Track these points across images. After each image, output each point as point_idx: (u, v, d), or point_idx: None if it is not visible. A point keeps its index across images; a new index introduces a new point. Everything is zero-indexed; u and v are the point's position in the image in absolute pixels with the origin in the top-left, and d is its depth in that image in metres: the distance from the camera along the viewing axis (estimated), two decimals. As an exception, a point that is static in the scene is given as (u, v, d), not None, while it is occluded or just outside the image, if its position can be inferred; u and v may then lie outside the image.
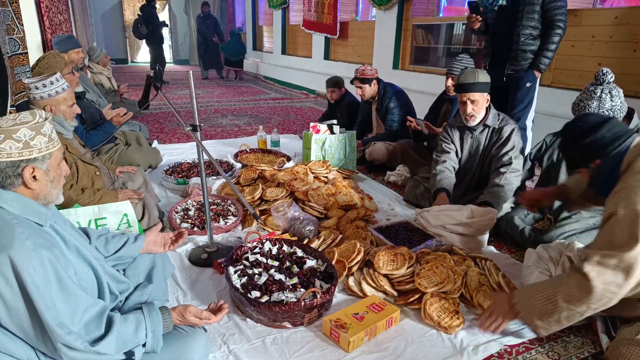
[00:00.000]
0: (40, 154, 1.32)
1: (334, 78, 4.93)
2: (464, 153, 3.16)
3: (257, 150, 4.38)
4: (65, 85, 2.51)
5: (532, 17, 3.47)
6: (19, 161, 1.29)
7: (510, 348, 1.89)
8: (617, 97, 2.42)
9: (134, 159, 3.68)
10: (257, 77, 12.37)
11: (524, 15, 3.48)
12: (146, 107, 2.60)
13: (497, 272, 2.27)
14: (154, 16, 9.87)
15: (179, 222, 2.87)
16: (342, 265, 2.30)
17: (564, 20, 3.44)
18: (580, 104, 2.49)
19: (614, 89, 2.43)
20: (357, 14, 8.75)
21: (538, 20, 3.49)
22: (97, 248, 1.67)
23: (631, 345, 1.61)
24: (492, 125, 3.00)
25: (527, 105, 3.68)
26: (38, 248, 1.21)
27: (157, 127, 5.97)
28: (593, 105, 2.43)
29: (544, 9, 3.45)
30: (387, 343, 1.89)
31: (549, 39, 3.47)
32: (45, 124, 1.34)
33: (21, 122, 1.29)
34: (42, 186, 1.36)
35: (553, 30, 3.45)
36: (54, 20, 5.42)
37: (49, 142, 1.35)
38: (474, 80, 2.87)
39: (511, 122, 3.02)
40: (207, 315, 1.57)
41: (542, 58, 3.52)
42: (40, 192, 1.36)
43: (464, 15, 6.63)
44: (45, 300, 1.19)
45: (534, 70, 3.59)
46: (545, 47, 3.50)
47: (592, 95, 2.44)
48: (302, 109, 7.73)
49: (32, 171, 1.31)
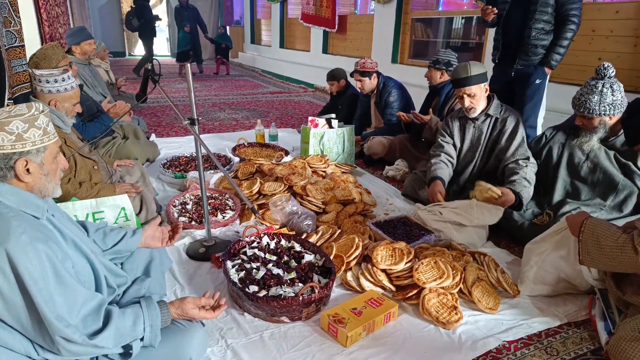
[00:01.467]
0: (34, 147, 1.30)
1: (332, 71, 4.91)
2: (466, 143, 3.12)
3: (255, 144, 4.36)
4: (75, 85, 2.52)
5: (545, 10, 3.32)
6: (11, 154, 1.27)
7: (509, 344, 1.88)
8: (618, 92, 2.42)
9: (131, 152, 3.66)
10: (255, 70, 12.33)
11: (537, 8, 3.32)
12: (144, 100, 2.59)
13: (495, 268, 2.27)
14: (146, 9, 9.81)
15: (176, 216, 2.86)
16: (340, 260, 2.30)
17: (579, 15, 3.30)
18: (582, 98, 2.48)
19: (615, 84, 2.43)
20: (356, 8, 8.72)
21: (551, 15, 3.33)
22: (95, 241, 1.66)
23: (634, 342, 1.60)
24: (495, 115, 2.97)
25: (536, 103, 3.56)
26: (34, 241, 1.20)
27: (155, 121, 5.96)
28: (594, 100, 2.43)
29: (559, 3, 3.30)
30: (385, 338, 1.89)
31: (562, 34, 3.33)
32: (40, 117, 1.32)
33: (15, 115, 1.28)
34: (36, 179, 1.34)
35: (567, 26, 3.30)
36: (52, 12, 5.38)
37: (43, 135, 1.33)
38: (467, 74, 2.84)
39: (514, 112, 2.98)
40: (206, 301, 1.57)
41: (554, 54, 3.39)
42: (34, 186, 1.34)
43: (464, 9, 6.63)
44: (42, 293, 1.18)
45: (545, 67, 3.46)
46: (557, 42, 3.36)
47: (593, 89, 2.44)
48: (300, 103, 7.71)
49: (25, 164, 1.30)
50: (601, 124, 2.50)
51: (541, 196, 2.85)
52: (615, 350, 1.65)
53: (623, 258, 1.68)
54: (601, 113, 2.44)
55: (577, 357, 1.83)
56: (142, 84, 2.50)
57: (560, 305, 2.13)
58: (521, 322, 2.00)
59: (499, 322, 2.01)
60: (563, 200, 2.65)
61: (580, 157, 2.64)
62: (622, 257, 1.68)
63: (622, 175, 2.52)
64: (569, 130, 2.72)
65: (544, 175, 2.84)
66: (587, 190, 2.63)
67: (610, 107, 2.42)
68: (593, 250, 1.79)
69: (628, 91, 2.49)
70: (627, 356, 1.60)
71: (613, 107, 2.42)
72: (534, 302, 2.16)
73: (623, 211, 2.51)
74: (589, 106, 2.45)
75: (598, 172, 2.58)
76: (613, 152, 2.54)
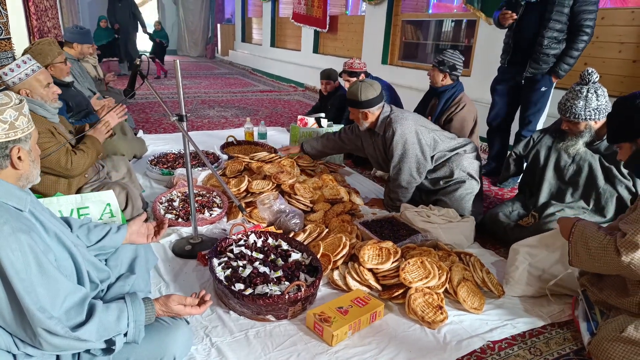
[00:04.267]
0: (23, 134, 1.32)
1: (328, 70, 4.91)
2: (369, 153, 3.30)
3: (244, 142, 4.34)
4: (36, 66, 2.39)
5: (559, 19, 3.28)
6: (7, 142, 1.28)
7: (493, 344, 1.90)
8: (603, 97, 2.45)
9: (118, 148, 3.62)
10: (246, 69, 12.29)
11: (551, 17, 3.28)
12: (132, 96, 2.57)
13: (481, 268, 2.28)
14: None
15: (163, 213, 2.84)
16: (327, 259, 2.29)
17: (592, 26, 3.26)
18: (567, 103, 2.51)
19: (599, 89, 2.46)
20: (347, 8, 8.73)
21: (565, 24, 3.30)
22: (78, 237, 1.64)
23: (615, 342, 1.63)
24: (379, 132, 3.04)
25: (539, 109, 3.58)
26: (16, 232, 1.19)
27: (142, 117, 5.91)
28: (580, 105, 2.46)
29: (574, 12, 3.24)
30: (371, 337, 1.89)
31: (574, 44, 3.30)
32: (24, 105, 1.34)
33: (3, 104, 1.28)
34: (26, 166, 1.35)
35: (579, 37, 3.27)
36: (40, 6, 5.31)
37: (28, 123, 1.36)
38: (357, 99, 2.93)
39: (393, 126, 2.95)
40: (192, 301, 1.56)
41: (563, 64, 3.38)
42: (24, 173, 1.35)
43: (453, 12, 6.67)
44: (24, 284, 1.17)
45: (552, 76, 3.47)
46: (568, 53, 3.34)
47: (578, 94, 2.47)
48: (290, 102, 7.70)
49: (18, 152, 1.31)
50: (587, 128, 2.54)
51: (527, 198, 2.88)
52: (596, 350, 1.68)
53: (607, 259, 1.69)
54: (587, 118, 2.47)
55: (560, 357, 1.85)
56: (130, 79, 2.48)
57: (544, 305, 2.15)
58: (506, 323, 2.02)
59: (483, 322, 2.02)
60: (548, 202, 2.68)
61: (566, 160, 2.67)
62: (605, 258, 1.70)
63: (604, 180, 2.55)
64: (555, 133, 2.75)
65: (530, 177, 2.87)
66: (571, 193, 2.66)
67: (595, 112, 2.45)
68: (582, 252, 1.81)
69: (612, 96, 2.52)
70: (609, 356, 1.64)
71: (598, 112, 2.45)
72: (518, 303, 2.18)
73: (605, 216, 2.55)
74: (574, 111, 2.48)
75: (582, 176, 2.61)
76: (598, 155, 2.57)
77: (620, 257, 1.64)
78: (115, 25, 9.90)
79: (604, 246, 1.71)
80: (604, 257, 1.71)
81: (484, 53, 5.20)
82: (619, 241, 1.66)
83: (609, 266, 1.71)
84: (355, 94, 2.93)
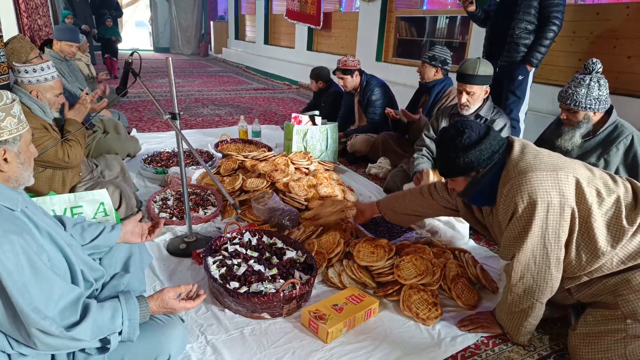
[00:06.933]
0: (10, 136, 1.30)
1: (317, 70, 4.90)
2: None
3: (238, 141, 4.33)
4: (55, 74, 2.48)
5: (529, 11, 3.51)
6: None
7: (487, 340, 1.91)
8: (604, 88, 2.45)
9: (112, 147, 3.61)
10: (239, 67, 12.26)
11: (521, 9, 3.53)
12: (124, 94, 2.55)
13: (475, 265, 2.29)
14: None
15: (157, 212, 2.83)
16: (322, 257, 2.30)
17: (560, 17, 3.47)
18: (569, 90, 2.49)
19: (602, 79, 2.45)
20: (341, 5, 8.72)
21: (534, 15, 3.52)
22: (72, 236, 1.63)
23: (584, 337, 1.72)
24: (485, 117, 3.00)
25: (519, 97, 3.74)
26: (8, 233, 1.18)
27: (136, 116, 5.89)
28: (581, 92, 2.44)
29: (542, 5, 3.49)
30: (366, 334, 1.90)
31: (544, 34, 3.50)
32: (14, 105, 1.31)
33: None
34: (14, 168, 1.33)
35: (548, 27, 3.47)
36: (30, 3, 5.27)
37: (18, 124, 1.33)
38: (473, 73, 2.88)
39: (504, 117, 3.03)
40: (185, 289, 1.56)
41: (535, 52, 3.56)
42: (11, 175, 1.33)
43: (448, 8, 6.68)
44: (17, 285, 1.17)
45: (526, 64, 3.64)
46: (538, 42, 3.54)
47: (581, 82, 2.46)
48: (284, 100, 7.69)
49: (4, 153, 1.29)
50: (585, 119, 2.53)
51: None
52: (570, 344, 1.77)
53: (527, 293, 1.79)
54: (587, 106, 2.45)
55: (554, 353, 1.87)
56: (123, 77, 2.46)
57: (538, 301, 2.16)
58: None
59: (478, 319, 2.02)
60: None
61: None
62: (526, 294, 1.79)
63: None
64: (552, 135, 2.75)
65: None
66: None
67: (595, 102, 2.44)
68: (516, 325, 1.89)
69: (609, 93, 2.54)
70: (577, 351, 1.73)
71: (598, 102, 2.44)
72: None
73: None
74: (575, 98, 2.46)
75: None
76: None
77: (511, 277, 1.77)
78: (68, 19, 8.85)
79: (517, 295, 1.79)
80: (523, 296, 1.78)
81: (478, 49, 5.18)
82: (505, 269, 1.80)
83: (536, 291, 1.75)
84: (473, 67, 2.88)
